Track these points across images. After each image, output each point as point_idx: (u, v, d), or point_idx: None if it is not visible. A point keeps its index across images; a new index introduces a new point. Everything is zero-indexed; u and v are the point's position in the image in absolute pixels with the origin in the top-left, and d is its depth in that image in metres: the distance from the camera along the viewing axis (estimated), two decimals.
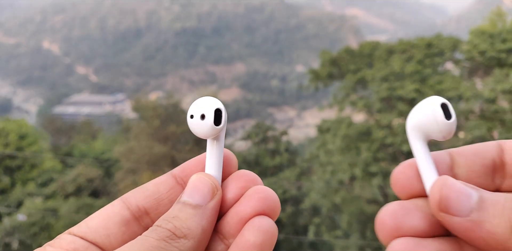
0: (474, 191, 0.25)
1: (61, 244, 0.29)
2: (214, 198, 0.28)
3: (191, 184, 0.29)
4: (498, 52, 9.04)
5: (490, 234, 0.24)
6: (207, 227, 0.28)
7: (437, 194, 0.25)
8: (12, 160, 12.27)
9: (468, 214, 0.24)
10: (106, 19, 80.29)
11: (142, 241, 0.26)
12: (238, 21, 78.68)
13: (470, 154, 0.29)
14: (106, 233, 0.29)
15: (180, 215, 0.27)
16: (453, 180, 0.26)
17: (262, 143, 10.28)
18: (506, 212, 0.24)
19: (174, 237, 0.26)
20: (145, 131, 11.75)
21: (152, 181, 0.32)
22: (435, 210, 0.25)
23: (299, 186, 9.08)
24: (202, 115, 0.29)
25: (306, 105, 51.71)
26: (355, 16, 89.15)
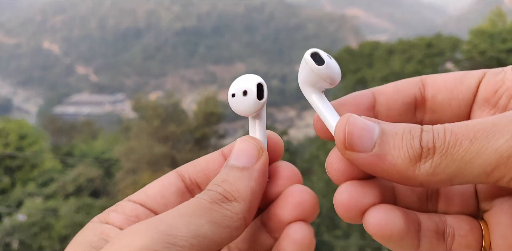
0: (375, 124, 0.26)
1: (124, 210, 0.30)
2: (260, 159, 0.29)
3: (236, 147, 0.29)
4: (498, 52, 9.04)
5: (392, 166, 0.25)
6: (256, 188, 0.28)
7: (341, 133, 0.26)
8: (12, 160, 12.26)
9: (371, 149, 0.25)
10: (106, 19, 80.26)
11: (196, 203, 0.26)
12: (238, 21, 78.65)
13: (391, 92, 0.31)
14: (164, 202, 0.30)
15: (229, 178, 0.28)
16: (355, 117, 0.27)
17: None
18: (404, 143, 0.25)
19: (226, 200, 0.27)
20: (145, 131, 11.74)
21: (203, 157, 0.32)
22: (341, 149, 0.27)
23: None
24: (245, 91, 0.29)
25: (306, 105, 51.54)
26: (355, 16, 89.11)
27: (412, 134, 0.25)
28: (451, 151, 0.24)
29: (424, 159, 0.24)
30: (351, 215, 0.28)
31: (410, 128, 0.26)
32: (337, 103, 0.31)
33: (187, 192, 0.31)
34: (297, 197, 0.29)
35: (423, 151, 0.24)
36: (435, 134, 0.25)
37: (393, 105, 0.31)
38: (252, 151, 0.29)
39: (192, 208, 0.26)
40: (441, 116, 0.31)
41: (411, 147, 0.25)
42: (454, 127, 0.25)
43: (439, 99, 0.30)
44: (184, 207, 0.26)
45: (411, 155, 0.25)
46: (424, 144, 0.24)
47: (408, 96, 0.31)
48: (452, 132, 0.24)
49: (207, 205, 0.26)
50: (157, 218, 0.25)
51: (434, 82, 0.31)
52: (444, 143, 0.24)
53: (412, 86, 0.31)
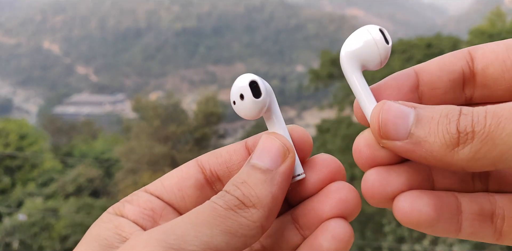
0: (411, 110, 0.25)
1: (138, 202, 0.29)
2: (285, 162, 0.27)
3: (260, 145, 0.28)
4: None
5: (429, 153, 0.24)
6: (278, 194, 0.26)
7: (375, 122, 0.25)
8: (13, 160, 12.27)
9: (407, 137, 0.24)
10: (106, 19, 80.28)
11: (210, 209, 0.25)
12: (238, 21, 78.67)
13: (435, 70, 0.29)
14: (182, 195, 0.29)
15: (249, 180, 0.26)
16: (389, 104, 0.25)
17: None
18: (440, 128, 0.24)
19: (243, 207, 0.25)
20: (145, 131, 11.75)
21: (226, 147, 0.31)
22: (377, 138, 0.26)
23: None
24: (241, 95, 0.28)
25: (306, 105, 51.67)
26: (355, 16, 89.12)
27: (449, 118, 0.24)
28: (492, 135, 0.22)
29: (462, 144, 0.23)
30: (378, 201, 0.27)
31: (448, 111, 0.24)
32: (378, 87, 0.29)
33: (206, 185, 0.30)
34: (343, 193, 0.28)
35: (460, 135, 0.23)
36: (474, 117, 0.23)
37: (438, 84, 0.29)
38: (277, 151, 0.27)
39: (205, 216, 0.24)
40: (493, 91, 0.28)
41: (447, 132, 0.23)
42: (497, 109, 0.23)
43: (491, 72, 0.28)
44: (196, 214, 0.25)
45: (447, 140, 0.23)
46: (462, 128, 0.23)
47: (454, 71, 0.29)
48: (494, 115, 0.23)
49: (222, 212, 0.25)
50: (167, 227, 0.24)
51: (483, 54, 0.28)
52: (485, 126, 0.22)
53: (458, 60, 0.29)
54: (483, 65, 0.28)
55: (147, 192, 0.30)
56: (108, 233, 0.27)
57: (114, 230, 0.27)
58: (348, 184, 0.28)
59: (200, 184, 0.30)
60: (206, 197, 0.28)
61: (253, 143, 0.30)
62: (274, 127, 0.29)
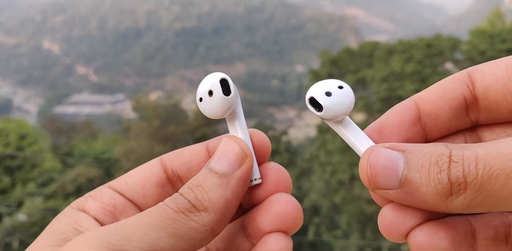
0: (399, 156, 0.24)
1: (101, 198, 0.29)
2: (242, 167, 0.27)
3: (219, 149, 0.28)
4: (498, 52, 9.06)
5: (422, 201, 0.24)
6: (231, 198, 0.26)
7: (364, 173, 0.25)
8: (13, 160, 12.27)
9: (398, 186, 0.24)
10: (106, 19, 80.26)
11: (160, 212, 0.25)
12: (238, 21, 78.65)
13: (435, 99, 0.28)
14: (144, 193, 0.30)
15: (204, 184, 0.26)
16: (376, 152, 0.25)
17: None
18: (431, 178, 0.23)
19: (194, 210, 0.25)
20: (145, 131, 11.75)
21: (189, 148, 0.31)
22: (369, 188, 0.26)
23: (299, 186, 9.08)
24: (210, 91, 0.27)
25: (306, 105, 51.56)
26: (355, 16, 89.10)
27: (439, 166, 0.23)
28: (486, 186, 0.22)
29: (455, 193, 0.23)
30: (395, 237, 0.27)
31: (437, 158, 0.23)
32: (379, 125, 0.28)
33: (168, 184, 0.30)
34: (281, 207, 0.27)
35: (452, 186, 0.23)
36: (465, 167, 0.22)
37: (440, 114, 0.28)
38: (235, 156, 0.27)
39: (154, 218, 0.24)
40: (498, 114, 0.28)
41: (439, 182, 0.23)
42: (488, 157, 0.22)
43: (492, 97, 0.27)
44: (145, 216, 0.25)
45: (440, 190, 0.23)
46: (453, 178, 0.22)
47: (455, 99, 0.27)
48: (485, 164, 0.22)
49: (171, 215, 0.25)
50: (113, 228, 0.24)
51: (483, 77, 0.27)
52: (476, 177, 0.22)
53: (458, 86, 0.28)
54: (484, 89, 0.27)
55: (111, 188, 0.30)
56: (66, 228, 0.27)
57: (73, 224, 0.27)
58: (290, 197, 0.28)
59: (162, 183, 0.30)
60: (167, 196, 0.28)
61: (213, 145, 0.30)
62: (236, 130, 0.29)
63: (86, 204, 0.29)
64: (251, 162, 0.27)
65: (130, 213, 0.29)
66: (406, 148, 0.24)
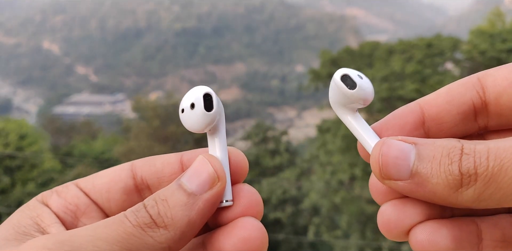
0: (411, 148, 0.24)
1: (66, 195, 0.29)
2: (212, 189, 0.26)
3: (193, 166, 0.27)
4: (498, 52, 9.05)
5: (432, 193, 0.24)
6: (195, 219, 0.25)
7: (376, 163, 0.25)
8: (12, 160, 12.26)
9: (409, 177, 0.24)
10: (106, 19, 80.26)
11: (117, 224, 0.24)
12: (238, 21, 78.65)
13: (442, 103, 0.27)
14: (108, 197, 0.29)
15: (171, 199, 0.25)
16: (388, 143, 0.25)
17: (262, 143, 10.28)
18: (442, 169, 0.23)
19: (153, 226, 0.24)
20: (145, 131, 11.74)
21: (162, 157, 0.30)
22: (379, 178, 0.25)
23: (299, 186, 9.07)
24: (192, 104, 0.27)
25: (306, 105, 51.64)
26: (355, 16, 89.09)
27: (450, 158, 0.23)
28: (495, 178, 0.22)
29: (466, 185, 0.23)
30: (395, 235, 0.26)
31: (449, 150, 0.23)
32: (380, 126, 0.28)
33: (135, 191, 0.30)
34: (247, 231, 0.26)
35: (463, 177, 0.23)
36: (476, 158, 0.22)
37: (446, 118, 0.27)
38: (207, 177, 0.26)
39: (110, 230, 0.23)
40: (510, 119, 0.27)
41: (450, 174, 0.23)
42: (499, 149, 0.22)
43: (504, 101, 0.26)
44: (101, 227, 0.24)
45: (450, 182, 0.23)
46: (464, 170, 0.23)
47: (463, 104, 0.27)
48: (497, 156, 0.22)
49: (128, 229, 0.24)
50: (66, 237, 0.23)
51: (495, 81, 0.26)
52: (487, 169, 0.22)
53: (468, 91, 0.27)
54: (496, 94, 0.26)
55: (78, 186, 0.29)
56: (27, 221, 0.27)
57: (35, 219, 0.27)
58: (258, 222, 0.26)
59: (128, 189, 0.29)
60: (132, 202, 0.28)
61: (188, 158, 0.29)
62: (214, 147, 0.28)
63: (50, 199, 0.29)
64: (222, 185, 0.26)
65: (92, 214, 0.29)
66: (418, 141, 0.25)
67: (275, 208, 8.53)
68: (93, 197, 0.29)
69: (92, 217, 0.29)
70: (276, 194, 8.47)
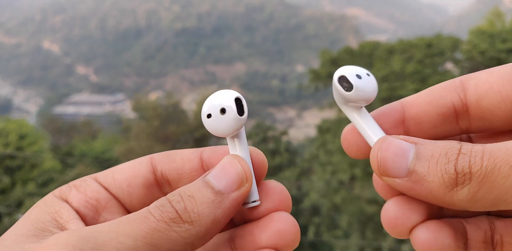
0: (411, 147, 0.24)
1: (85, 190, 0.29)
2: (240, 189, 0.26)
3: (221, 164, 0.27)
4: (498, 52, 9.05)
5: (428, 191, 0.24)
6: (221, 218, 0.25)
7: (375, 159, 0.25)
8: (12, 160, 12.27)
9: (406, 175, 0.24)
10: (106, 19, 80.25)
11: (141, 219, 0.24)
12: (238, 21, 78.64)
13: (423, 103, 0.28)
14: (129, 191, 0.29)
15: (197, 196, 0.25)
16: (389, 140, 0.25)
17: (262, 143, 10.28)
18: (439, 168, 0.23)
19: (179, 221, 0.24)
20: (145, 131, 11.75)
21: (181, 153, 0.30)
22: (377, 174, 0.26)
23: (299, 186, 9.07)
24: (222, 109, 0.26)
25: (306, 105, 51.66)
26: (355, 16, 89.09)
27: (448, 157, 0.23)
28: (489, 177, 0.22)
29: (460, 184, 0.23)
30: (399, 232, 0.27)
31: (447, 150, 0.24)
32: None
33: (155, 186, 0.30)
34: (281, 224, 0.26)
35: (458, 176, 0.23)
36: (472, 158, 0.23)
37: (424, 118, 0.28)
38: (236, 177, 0.26)
39: (133, 226, 0.23)
40: (491, 123, 0.27)
41: (445, 172, 0.23)
42: (494, 149, 0.22)
43: (486, 104, 0.27)
44: (125, 223, 0.24)
45: (446, 180, 0.23)
46: (459, 169, 0.23)
47: (443, 106, 0.27)
48: (491, 155, 0.22)
49: (152, 224, 0.24)
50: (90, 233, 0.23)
51: (477, 85, 0.27)
52: (481, 167, 0.22)
53: (449, 93, 0.27)
54: (477, 97, 0.27)
55: (97, 181, 0.29)
56: (45, 217, 0.26)
57: (53, 215, 0.27)
58: (291, 217, 0.27)
59: (149, 184, 0.29)
60: (153, 197, 0.29)
61: (209, 155, 0.29)
62: (236, 148, 0.28)
63: (70, 194, 0.29)
64: (249, 186, 0.27)
65: (113, 209, 0.29)
66: (419, 141, 0.25)
67: None
68: (113, 191, 0.29)
69: (113, 212, 0.29)
70: None
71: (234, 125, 0.26)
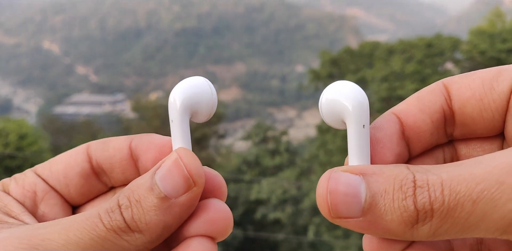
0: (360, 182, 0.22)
1: (23, 182, 0.28)
2: (188, 193, 0.24)
3: (166, 166, 0.24)
4: (498, 52, 9.05)
5: (386, 230, 0.22)
6: (172, 223, 0.24)
7: (323, 202, 0.23)
8: (12, 160, 12.27)
9: (361, 215, 0.22)
10: (106, 19, 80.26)
11: (90, 227, 0.23)
12: (238, 21, 78.66)
13: (417, 111, 0.26)
14: (66, 182, 0.28)
15: (144, 202, 0.23)
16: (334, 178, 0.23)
17: (262, 143, 10.28)
18: (397, 205, 0.22)
19: (127, 230, 0.23)
20: (145, 131, 11.74)
21: (115, 141, 0.29)
22: (328, 218, 0.23)
23: (299, 186, 9.07)
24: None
25: (306, 105, 51.66)
26: (355, 16, 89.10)
27: (404, 192, 0.22)
28: (452, 214, 0.21)
29: (421, 221, 0.21)
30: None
31: (401, 182, 0.22)
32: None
33: (92, 175, 0.29)
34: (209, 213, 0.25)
35: (419, 213, 0.21)
36: (431, 193, 0.21)
37: (423, 127, 0.26)
38: (181, 182, 0.24)
39: (83, 235, 0.22)
40: (473, 130, 0.27)
41: (404, 210, 0.21)
42: (453, 183, 0.21)
43: (468, 112, 0.26)
44: (73, 230, 0.23)
45: (406, 219, 0.21)
46: (420, 206, 0.21)
47: (435, 112, 0.26)
48: (451, 190, 0.21)
49: (102, 233, 0.22)
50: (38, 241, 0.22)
51: (460, 90, 0.26)
52: (443, 204, 0.21)
53: (438, 98, 0.26)
54: (460, 103, 0.26)
55: (35, 173, 0.29)
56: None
57: (4, 209, 0.27)
58: (222, 203, 0.26)
59: (85, 173, 0.29)
60: (91, 186, 0.28)
61: (136, 144, 0.28)
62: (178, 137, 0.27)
63: (10, 187, 0.28)
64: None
65: (51, 201, 0.28)
66: (365, 171, 0.23)
67: (275, 208, 8.54)
68: (51, 183, 0.28)
69: (51, 204, 0.28)
70: (276, 194, 8.47)
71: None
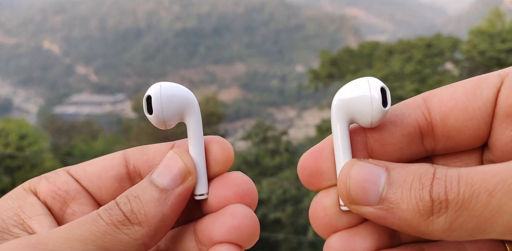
0: (382, 172, 0.23)
1: (55, 181, 0.28)
2: (184, 184, 0.26)
3: (164, 162, 0.26)
4: (498, 52, 9.06)
5: (402, 220, 0.22)
6: (169, 214, 0.25)
7: (343, 186, 0.23)
8: (13, 160, 12.27)
9: (378, 203, 0.23)
10: (106, 19, 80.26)
11: (90, 223, 0.24)
12: (238, 21, 78.64)
13: (386, 123, 0.26)
14: (99, 184, 0.29)
15: (143, 196, 0.25)
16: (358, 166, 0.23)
17: (262, 143, 10.29)
18: (413, 194, 0.22)
19: (127, 223, 0.24)
20: (145, 131, 11.76)
21: (154, 146, 0.30)
22: (345, 203, 0.24)
23: (299, 186, 9.08)
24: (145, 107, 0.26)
25: (306, 105, 51.65)
26: (355, 16, 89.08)
27: (422, 183, 0.22)
28: (467, 205, 0.20)
29: (436, 213, 0.21)
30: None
31: (421, 174, 0.22)
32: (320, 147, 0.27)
33: (127, 179, 0.29)
34: (236, 219, 0.25)
35: (434, 204, 0.21)
36: (447, 183, 0.21)
37: (389, 140, 0.26)
38: (177, 172, 0.26)
39: (83, 230, 0.23)
40: (458, 142, 0.26)
41: (420, 200, 0.21)
42: (470, 174, 0.21)
43: (452, 123, 0.25)
44: (75, 228, 0.23)
45: (421, 208, 0.21)
46: (435, 195, 0.21)
47: (408, 125, 0.25)
48: (468, 182, 0.20)
49: (102, 228, 0.23)
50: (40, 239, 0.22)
51: (441, 102, 0.25)
52: (458, 195, 0.20)
53: (412, 112, 0.26)
54: (442, 115, 0.25)
55: (68, 173, 0.29)
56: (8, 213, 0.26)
57: (16, 210, 0.26)
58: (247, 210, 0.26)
59: (120, 177, 0.29)
60: (123, 190, 0.28)
61: (180, 146, 0.30)
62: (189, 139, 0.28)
63: (39, 184, 0.28)
64: (194, 180, 0.26)
65: (82, 200, 0.28)
66: (389, 165, 0.23)
67: (275, 208, 8.54)
68: (84, 183, 0.29)
69: (81, 203, 0.28)
70: (276, 194, 8.48)
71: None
